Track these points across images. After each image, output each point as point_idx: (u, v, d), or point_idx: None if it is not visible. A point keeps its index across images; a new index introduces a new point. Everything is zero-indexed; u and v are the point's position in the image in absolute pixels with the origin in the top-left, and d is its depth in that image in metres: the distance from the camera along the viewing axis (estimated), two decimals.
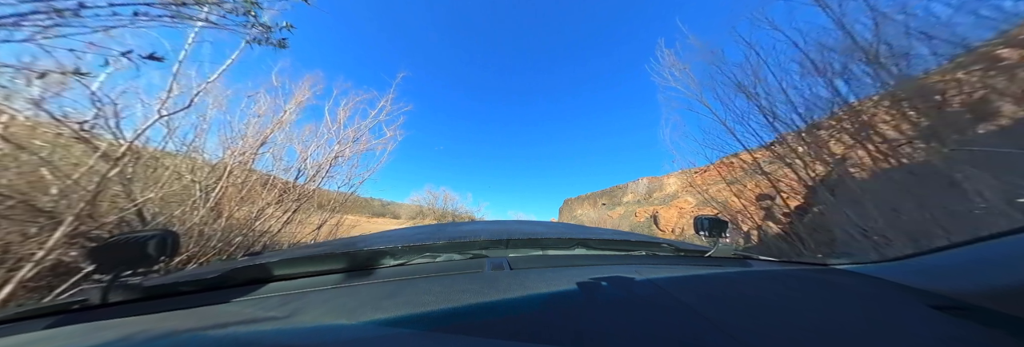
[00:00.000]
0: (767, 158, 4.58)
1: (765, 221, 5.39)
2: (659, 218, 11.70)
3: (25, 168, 2.11)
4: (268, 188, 4.27)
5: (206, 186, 3.10)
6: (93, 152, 2.18)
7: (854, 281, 0.86)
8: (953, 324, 0.59)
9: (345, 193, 5.46)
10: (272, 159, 4.50)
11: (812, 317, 0.57)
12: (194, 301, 0.65)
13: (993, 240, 0.69)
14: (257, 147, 3.88)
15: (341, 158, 5.07)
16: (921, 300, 0.69)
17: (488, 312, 0.54)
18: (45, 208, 2.03)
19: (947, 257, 0.78)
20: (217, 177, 3.26)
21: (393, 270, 0.82)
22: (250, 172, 3.90)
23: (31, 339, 0.53)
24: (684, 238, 9.28)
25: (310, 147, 4.83)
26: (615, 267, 0.84)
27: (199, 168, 3.31)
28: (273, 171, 4.53)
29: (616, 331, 0.48)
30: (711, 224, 1.13)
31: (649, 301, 0.60)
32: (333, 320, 0.52)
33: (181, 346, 0.47)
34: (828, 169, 3.75)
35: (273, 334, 0.48)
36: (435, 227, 2.05)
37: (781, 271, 0.97)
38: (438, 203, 13.99)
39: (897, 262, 0.89)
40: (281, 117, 4.23)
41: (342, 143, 5.02)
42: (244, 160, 3.74)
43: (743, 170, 5.35)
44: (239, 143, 3.75)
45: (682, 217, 10.92)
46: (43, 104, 2.14)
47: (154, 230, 0.82)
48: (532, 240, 1.14)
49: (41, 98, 2.17)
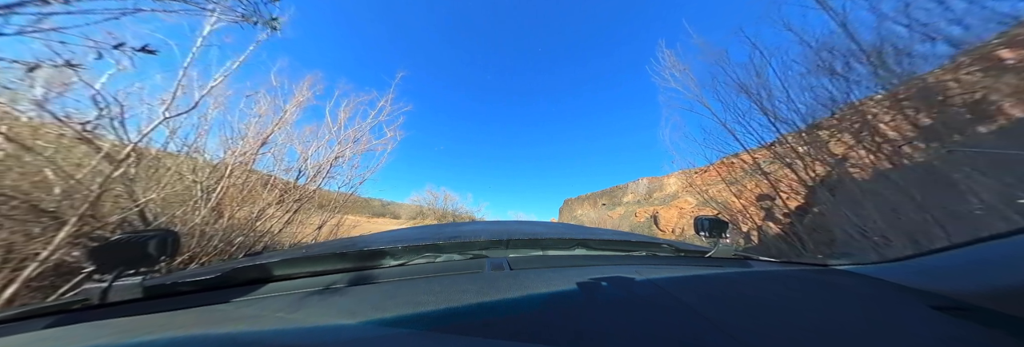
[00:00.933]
0: (767, 158, 4.59)
1: (765, 221, 5.38)
2: (659, 218, 11.68)
3: (29, 169, 2.12)
4: (269, 188, 4.29)
5: (207, 186, 3.10)
6: (96, 153, 2.20)
7: (854, 282, 0.86)
8: (953, 324, 0.59)
9: (346, 193, 5.46)
10: (273, 159, 4.52)
11: (812, 318, 0.57)
12: (194, 301, 0.66)
13: (993, 241, 0.69)
14: (258, 147, 3.89)
15: (341, 159, 5.08)
16: (921, 300, 0.69)
17: (488, 312, 0.54)
18: (49, 208, 2.04)
19: (947, 258, 0.78)
20: (218, 178, 3.26)
21: (393, 270, 0.83)
22: (251, 172, 3.91)
23: (32, 339, 0.53)
24: (684, 238, 9.26)
25: (311, 147, 4.84)
26: (615, 267, 0.85)
27: (200, 168, 3.31)
28: (274, 171, 4.56)
29: (616, 331, 0.48)
30: (711, 225, 1.13)
31: (649, 301, 0.60)
32: (333, 320, 0.52)
33: (181, 346, 0.47)
34: (828, 170, 3.75)
35: (273, 334, 0.49)
36: (435, 227, 2.05)
37: (781, 271, 0.97)
38: (438, 203, 14.01)
39: (897, 263, 0.89)
40: (281, 117, 4.23)
41: (342, 144, 5.03)
42: (245, 160, 3.74)
43: (743, 170, 5.36)
44: (240, 144, 3.76)
45: (682, 217, 10.90)
46: (46, 105, 2.16)
47: (155, 230, 0.82)
48: (532, 240, 1.14)
49: (44, 99, 2.19)
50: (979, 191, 2.29)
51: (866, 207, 3.06)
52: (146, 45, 1.86)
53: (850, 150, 3.50)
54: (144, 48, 1.84)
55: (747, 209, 5.16)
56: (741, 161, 5.18)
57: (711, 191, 6.22)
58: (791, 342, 0.48)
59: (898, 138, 3.02)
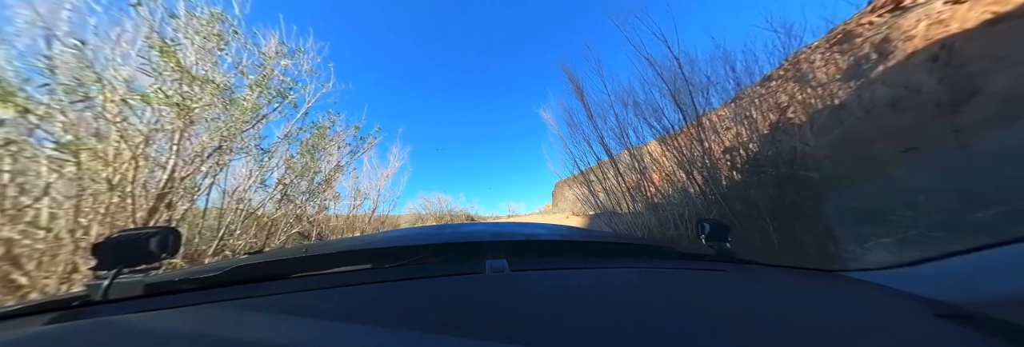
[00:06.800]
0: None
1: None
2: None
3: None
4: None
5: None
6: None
7: (857, 287, 0.85)
8: (957, 332, 0.58)
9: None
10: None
11: (813, 323, 0.57)
12: (195, 298, 0.65)
13: (1000, 247, 0.69)
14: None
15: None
16: (925, 308, 0.68)
17: (487, 313, 0.54)
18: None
19: (952, 264, 0.78)
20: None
21: (393, 270, 0.82)
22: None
23: (32, 335, 0.53)
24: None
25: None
26: (616, 270, 0.84)
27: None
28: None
29: (616, 333, 0.47)
30: (713, 227, 1.13)
31: (650, 304, 0.59)
32: (332, 320, 0.52)
33: (181, 343, 0.47)
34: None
35: (273, 333, 0.48)
36: (435, 228, 2.05)
37: (783, 276, 0.96)
38: (433, 207, 14.45)
39: (901, 269, 0.88)
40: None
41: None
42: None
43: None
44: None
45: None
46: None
47: (156, 228, 0.83)
48: (532, 242, 1.14)
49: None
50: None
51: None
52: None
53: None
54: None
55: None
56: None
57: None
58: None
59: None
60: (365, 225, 7.35)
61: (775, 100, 3.85)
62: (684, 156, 4.09)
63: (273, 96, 3.40)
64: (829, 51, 3.86)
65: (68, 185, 2.11)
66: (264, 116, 3.43)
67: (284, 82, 3.52)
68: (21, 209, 1.94)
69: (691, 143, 4.03)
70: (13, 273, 1.84)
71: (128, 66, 2.45)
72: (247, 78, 3.23)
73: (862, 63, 3.29)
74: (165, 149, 2.64)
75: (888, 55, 3.05)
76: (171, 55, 2.48)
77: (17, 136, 1.97)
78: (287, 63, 3.53)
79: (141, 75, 2.52)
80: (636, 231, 4.79)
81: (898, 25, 3.09)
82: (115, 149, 2.26)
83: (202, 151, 2.85)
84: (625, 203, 5.31)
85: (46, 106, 2.07)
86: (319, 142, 4.59)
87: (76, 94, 2.15)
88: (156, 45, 2.47)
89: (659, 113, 4.41)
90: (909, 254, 2.12)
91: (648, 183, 4.92)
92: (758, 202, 3.10)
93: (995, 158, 2.10)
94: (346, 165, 5.83)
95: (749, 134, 3.79)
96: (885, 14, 3.43)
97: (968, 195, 2.05)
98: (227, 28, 3.01)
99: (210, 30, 2.87)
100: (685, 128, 4.13)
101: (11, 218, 1.89)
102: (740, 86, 4.05)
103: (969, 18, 2.60)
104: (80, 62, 2.20)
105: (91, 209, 2.15)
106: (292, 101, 3.70)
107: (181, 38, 2.76)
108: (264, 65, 3.37)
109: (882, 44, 3.16)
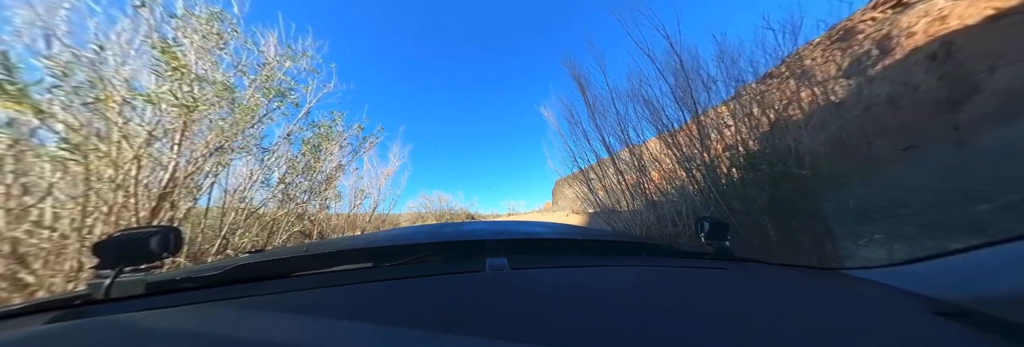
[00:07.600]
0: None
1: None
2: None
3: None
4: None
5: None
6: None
7: (856, 286, 0.86)
8: (955, 330, 0.59)
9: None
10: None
11: (813, 321, 0.57)
12: (196, 297, 0.66)
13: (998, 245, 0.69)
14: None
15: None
16: (924, 306, 0.68)
17: (488, 312, 0.54)
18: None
19: (950, 262, 0.78)
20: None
21: (393, 269, 0.83)
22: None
23: (34, 333, 0.54)
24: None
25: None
26: (616, 268, 0.84)
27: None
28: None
29: (616, 332, 0.48)
30: (712, 226, 1.13)
31: (650, 302, 0.59)
32: (333, 318, 0.53)
33: (182, 342, 0.47)
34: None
35: (273, 332, 0.49)
36: (435, 226, 2.05)
37: (783, 274, 0.96)
38: (433, 205, 14.36)
39: (900, 267, 0.88)
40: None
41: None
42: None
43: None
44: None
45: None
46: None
47: (157, 227, 0.84)
48: (532, 240, 1.14)
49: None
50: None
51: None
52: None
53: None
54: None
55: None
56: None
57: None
58: (791, 346, 0.48)
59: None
60: (366, 224, 7.40)
61: (775, 97, 3.84)
62: (684, 153, 4.08)
63: (273, 96, 3.41)
64: (830, 48, 3.86)
65: (73, 185, 2.13)
66: (266, 114, 3.45)
67: (285, 82, 3.54)
68: (26, 208, 1.96)
69: (691, 140, 4.02)
70: (20, 272, 1.86)
71: (128, 66, 2.46)
72: (247, 78, 3.25)
73: (862, 60, 3.28)
74: (167, 149, 2.65)
75: (888, 52, 3.04)
76: (173, 55, 2.49)
77: (21, 136, 1.99)
78: (289, 64, 3.55)
79: (141, 75, 2.53)
80: (635, 229, 4.79)
81: (899, 21, 3.08)
82: (118, 149, 2.28)
83: (204, 150, 2.86)
84: (624, 201, 5.32)
85: (62, 105, 2.10)
86: (323, 141, 4.62)
87: (87, 95, 2.17)
88: (157, 45, 2.48)
89: (659, 110, 4.42)
90: (907, 252, 2.11)
91: (647, 181, 4.92)
92: (755, 200, 3.10)
93: (994, 156, 2.10)
94: (347, 164, 5.86)
95: (748, 132, 3.79)
96: (887, 10, 3.42)
97: (966, 193, 2.04)
98: (226, 27, 3.02)
99: (209, 29, 2.87)
100: (685, 125, 4.13)
101: (16, 217, 1.91)
102: (740, 83, 4.04)
103: (969, 14, 2.58)
104: (92, 64, 2.22)
105: (95, 208, 2.17)
106: (294, 100, 3.72)
107: (180, 37, 2.76)
108: (265, 64, 3.38)
109: (883, 41, 3.16)
